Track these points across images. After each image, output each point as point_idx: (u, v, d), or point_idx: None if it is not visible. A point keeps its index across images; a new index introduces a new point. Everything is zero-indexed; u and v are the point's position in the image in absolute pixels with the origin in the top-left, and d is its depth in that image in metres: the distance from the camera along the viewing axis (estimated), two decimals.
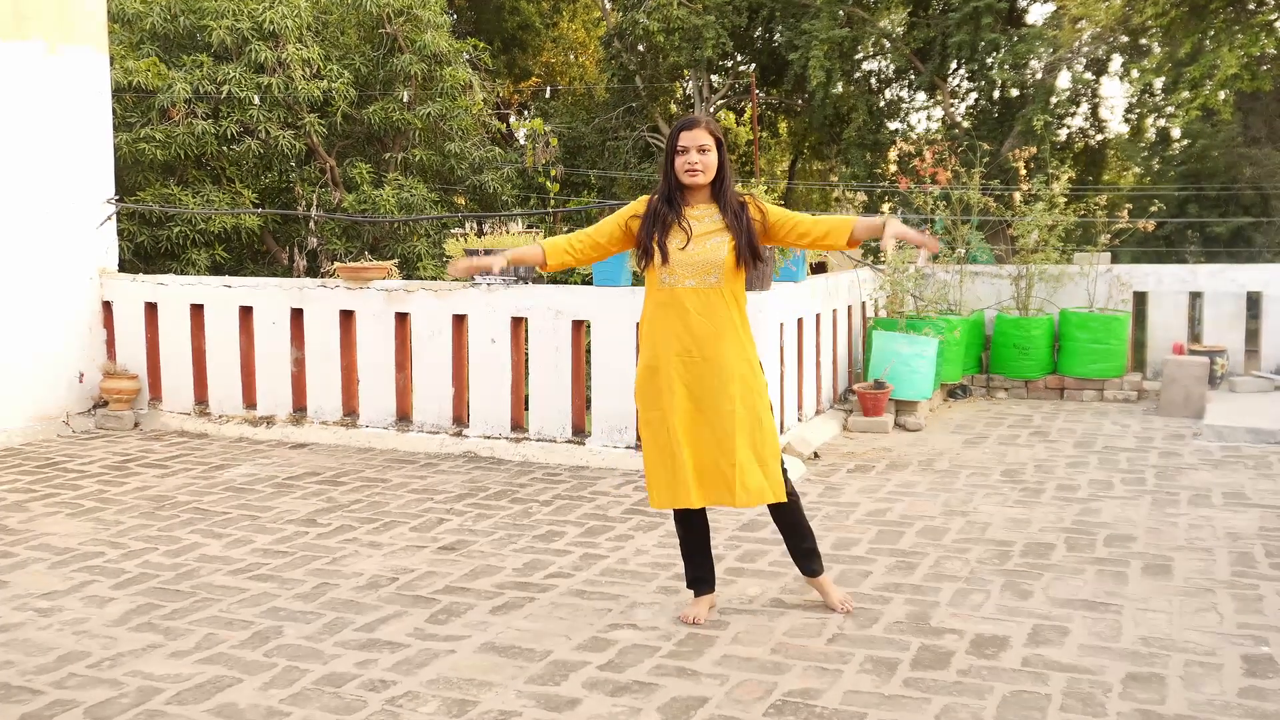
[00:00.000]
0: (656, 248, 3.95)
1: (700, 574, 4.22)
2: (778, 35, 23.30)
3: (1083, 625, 4.05)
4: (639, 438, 4.09)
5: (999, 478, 6.44)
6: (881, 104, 23.08)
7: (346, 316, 7.67)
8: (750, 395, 3.99)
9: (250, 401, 7.98)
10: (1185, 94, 16.74)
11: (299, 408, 7.84)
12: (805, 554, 4.24)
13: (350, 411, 7.70)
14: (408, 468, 6.82)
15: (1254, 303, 9.44)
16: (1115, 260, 10.47)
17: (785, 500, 4.06)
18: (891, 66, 22.68)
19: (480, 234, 14.44)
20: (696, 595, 4.23)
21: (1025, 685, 3.55)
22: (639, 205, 4.07)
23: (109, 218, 8.40)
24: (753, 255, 3.99)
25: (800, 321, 7.63)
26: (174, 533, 5.38)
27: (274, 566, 4.85)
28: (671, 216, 3.97)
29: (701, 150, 3.92)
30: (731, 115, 28.09)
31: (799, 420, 7.54)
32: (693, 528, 4.18)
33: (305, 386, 7.81)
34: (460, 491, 6.20)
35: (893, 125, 23.50)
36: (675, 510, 4.12)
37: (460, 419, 7.39)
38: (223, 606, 4.35)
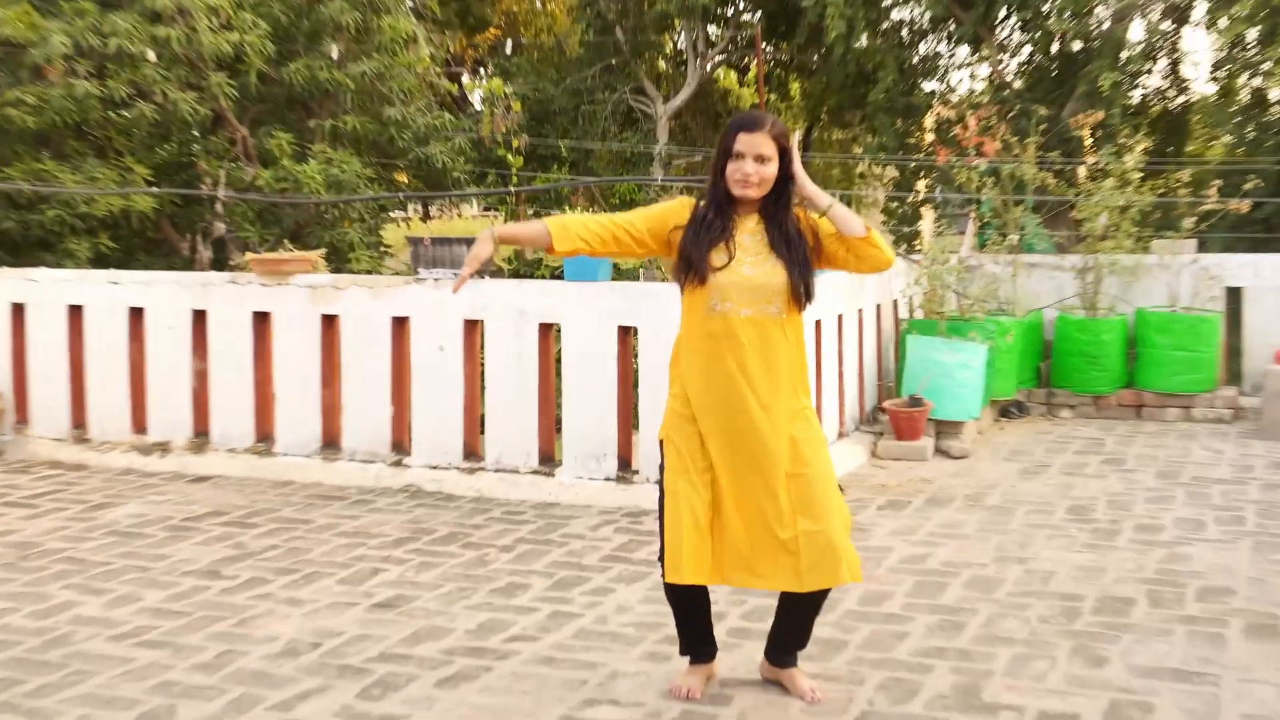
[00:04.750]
0: (699, 266, 3.94)
1: (698, 640, 4.19)
2: None
3: (1171, 700, 4.02)
4: (662, 487, 4.01)
5: (1064, 516, 6.43)
6: (915, 60, 23.12)
7: (261, 319, 7.62)
8: (817, 451, 4.01)
9: (140, 424, 7.92)
10: None
11: (201, 432, 7.78)
12: (797, 642, 4.21)
13: (264, 436, 7.65)
14: (335, 505, 6.78)
15: None
16: (1203, 249, 10.48)
17: (861, 580, 4.06)
18: (927, 15, 22.73)
19: (426, 218, 14.35)
20: (692, 664, 4.19)
21: None
22: (684, 209, 4.09)
23: None
24: (806, 293, 4.02)
25: (819, 325, 7.61)
26: (42, 588, 5.32)
27: (167, 630, 4.79)
28: (720, 229, 3.98)
29: (760, 160, 3.91)
30: (733, 74, 28.12)
31: None
32: (691, 600, 4.12)
33: (209, 406, 7.76)
34: (400, 535, 6.17)
35: (929, 86, 23.55)
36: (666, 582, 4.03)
37: (401, 445, 7.35)
38: (102, 681, 4.28)
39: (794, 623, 4.15)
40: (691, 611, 4.14)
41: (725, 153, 3.96)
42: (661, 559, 3.97)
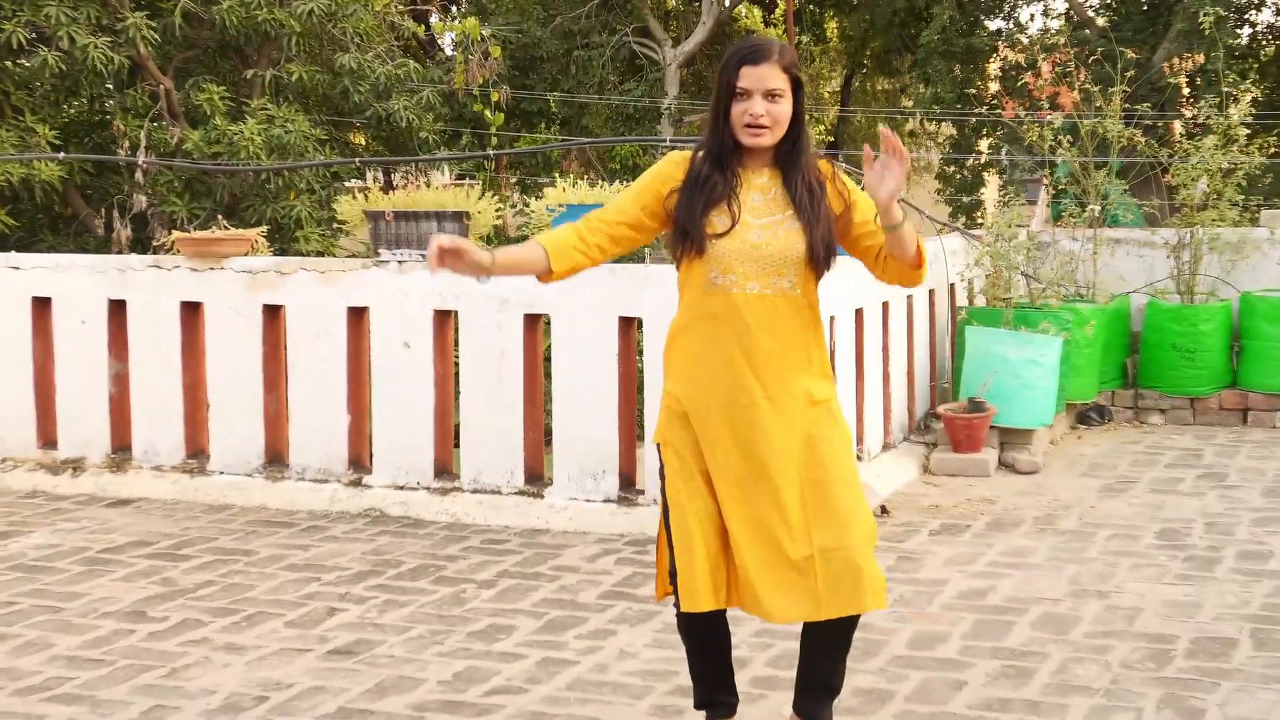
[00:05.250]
0: (694, 233, 3.87)
1: (716, 688, 4.19)
2: None
3: None
4: (664, 502, 3.96)
5: (1153, 541, 6.44)
6: None
7: (191, 311, 7.64)
8: (838, 452, 3.98)
9: (48, 438, 7.95)
10: None
11: (121, 446, 7.81)
12: (828, 688, 4.14)
13: (197, 451, 7.67)
14: (282, 533, 6.80)
15: None
16: None
17: (885, 605, 3.98)
18: None
19: (388, 188, 14.45)
20: (709, 719, 4.20)
21: None
22: (675, 168, 4.00)
23: None
24: (826, 259, 3.94)
25: (859, 314, 7.63)
26: None
27: (84, 682, 4.81)
28: (722, 186, 3.91)
29: (771, 96, 3.83)
30: (756, 12, 28.13)
31: (858, 459, 7.53)
32: (709, 633, 4.13)
33: (130, 415, 7.78)
34: (360, 568, 6.19)
35: (993, 25, 23.57)
36: (682, 611, 4.02)
37: (360, 461, 7.38)
38: None
39: (821, 662, 4.09)
40: (710, 651, 4.12)
41: (727, 92, 3.85)
42: (674, 585, 3.92)
